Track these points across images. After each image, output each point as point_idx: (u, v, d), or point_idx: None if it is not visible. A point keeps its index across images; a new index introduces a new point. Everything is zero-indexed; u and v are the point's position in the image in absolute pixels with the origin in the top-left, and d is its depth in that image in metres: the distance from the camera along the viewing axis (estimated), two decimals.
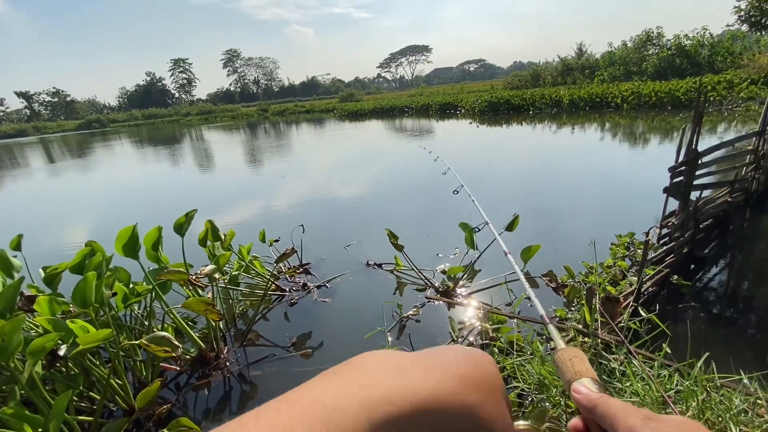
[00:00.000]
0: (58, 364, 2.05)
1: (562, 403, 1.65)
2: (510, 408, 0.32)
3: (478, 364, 0.31)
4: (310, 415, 0.23)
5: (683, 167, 3.09)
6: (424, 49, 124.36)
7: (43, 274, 2.43)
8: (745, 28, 19.29)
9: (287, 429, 0.22)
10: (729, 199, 3.97)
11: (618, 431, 0.34)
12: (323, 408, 0.23)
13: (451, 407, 0.26)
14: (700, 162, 3.17)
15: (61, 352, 1.86)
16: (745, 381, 1.61)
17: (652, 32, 24.65)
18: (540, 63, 33.77)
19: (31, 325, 2.27)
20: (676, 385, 1.61)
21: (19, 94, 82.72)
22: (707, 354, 1.70)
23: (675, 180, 3.12)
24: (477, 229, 1.52)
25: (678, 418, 0.33)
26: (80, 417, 2.00)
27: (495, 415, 0.29)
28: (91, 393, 2.16)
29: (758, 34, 19.53)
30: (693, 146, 3.05)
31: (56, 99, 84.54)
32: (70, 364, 2.12)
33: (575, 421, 0.40)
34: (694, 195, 3.28)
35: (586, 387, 0.41)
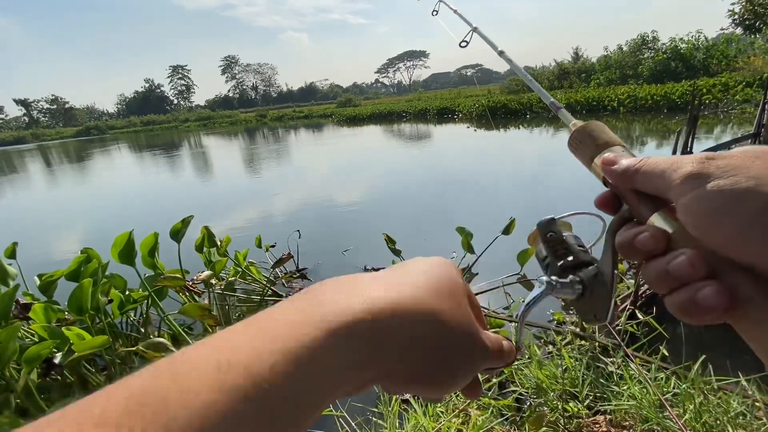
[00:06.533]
0: (53, 373, 2.04)
1: (560, 407, 1.64)
2: (479, 311, 0.33)
3: (445, 272, 0.31)
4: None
5: None
6: (421, 55, 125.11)
7: (38, 282, 2.42)
8: (739, 31, 19.50)
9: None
10: None
11: (672, 185, 0.27)
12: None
13: (409, 312, 0.26)
14: None
15: (57, 360, 1.85)
16: (744, 383, 1.60)
17: (648, 36, 24.88)
18: (537, 67, 34.02)
19: (26, 333, 2.26)
20: (674, 388, 1.61)
21: (18, 102, 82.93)
22: (704, 357, 1.70)
23: None
24: (465, 43, 0.76)
25: (743, 148, 0.26)
26: None
27: (458, 317, 0.29)
28: None
29: (753, 36, 19.74)
30: (688, 149, 3.07)
31: (55, 106, 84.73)
32: (66, 373, 2.11)
33: (604, 195, 0.35)
34: None
35: (618, 154, 0.34)
